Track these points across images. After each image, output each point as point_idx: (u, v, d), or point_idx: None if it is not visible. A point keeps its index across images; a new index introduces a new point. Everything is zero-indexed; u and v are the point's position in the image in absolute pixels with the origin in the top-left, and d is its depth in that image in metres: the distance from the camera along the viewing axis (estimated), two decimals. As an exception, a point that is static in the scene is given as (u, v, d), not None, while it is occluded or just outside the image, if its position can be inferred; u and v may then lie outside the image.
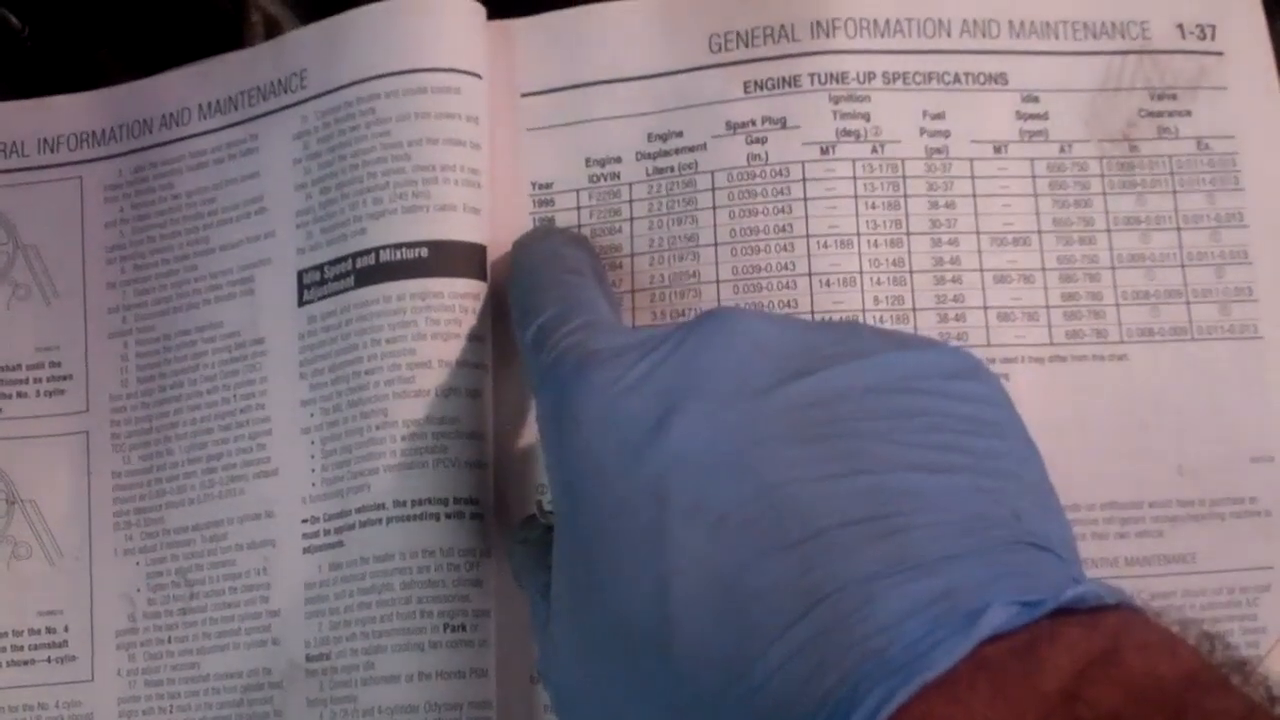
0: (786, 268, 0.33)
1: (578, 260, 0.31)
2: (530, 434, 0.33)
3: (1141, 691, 0.17)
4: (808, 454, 0.21)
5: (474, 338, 0.32)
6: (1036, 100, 0.34)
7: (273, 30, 0.38)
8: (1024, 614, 0.19)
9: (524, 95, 0.35)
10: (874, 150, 0.33)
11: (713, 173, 0.34)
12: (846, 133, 0.33)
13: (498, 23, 0.35)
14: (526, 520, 0.31)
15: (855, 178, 0.33)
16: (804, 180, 0.33)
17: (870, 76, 0.34)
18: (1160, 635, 0.19)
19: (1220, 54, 0.34)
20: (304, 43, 0.35)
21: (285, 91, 0.35)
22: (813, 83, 0.34)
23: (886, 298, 0.33)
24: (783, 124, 0.34)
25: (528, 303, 0.29)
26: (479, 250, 0.33)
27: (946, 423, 0.22)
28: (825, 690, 0.19)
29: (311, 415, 0.33)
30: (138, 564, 0.35)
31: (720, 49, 0.34)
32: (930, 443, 0.22)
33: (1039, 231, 0.33)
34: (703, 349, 0.24)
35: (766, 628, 0.20)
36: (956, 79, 0.34)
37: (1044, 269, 0.33)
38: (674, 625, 0.20)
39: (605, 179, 0.34)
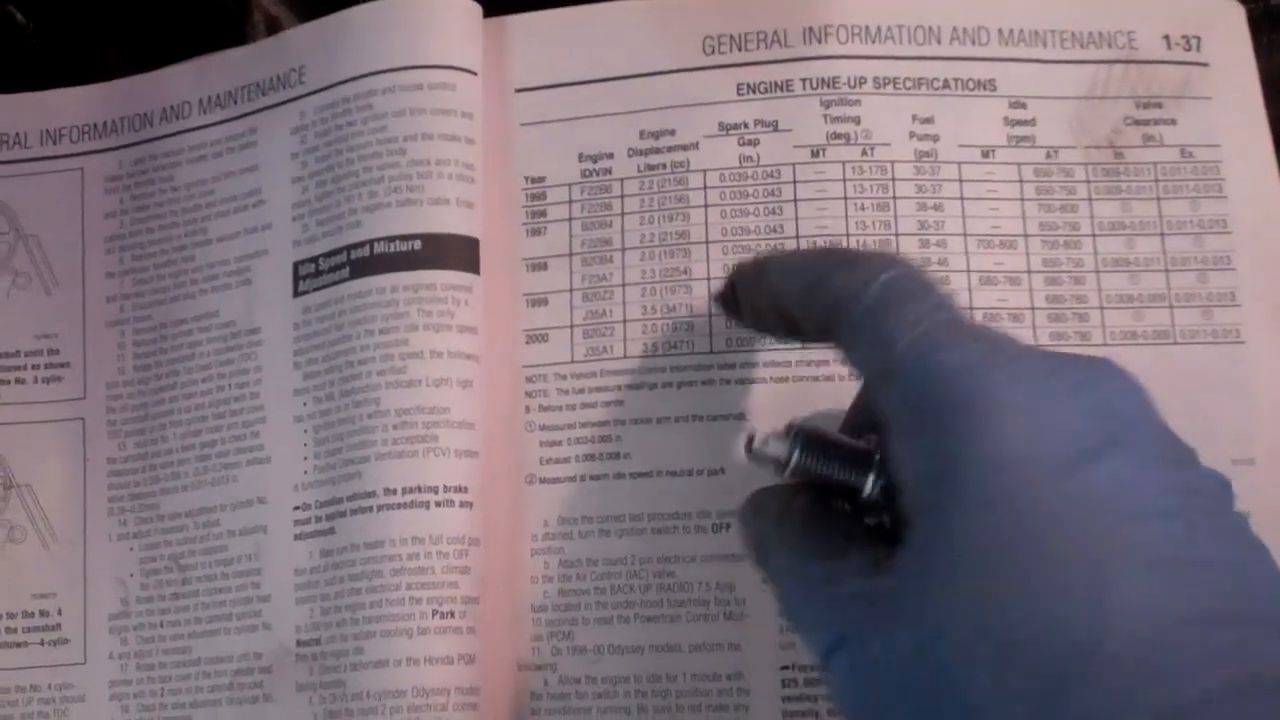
0: (777, 266, 0.33)
1: None
2: (518, 426, 0.34)
3: None
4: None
5: (465, 329, 0.33)
6: (1024, 106, 0.34)
7: (274, 28, 0.38)
8: None
9: (518, 91, 0.35)
10: (864, 153, 0.34)
11: (705, 171, 0.34)
12: (836, 135, 0.34)
13: (493, 20, 0.35)
14: (760, 493, 0.27)
15: (845, 179, 0.34)
16: (795, 182, 0.34)
17: (861, 81, 0.34)
18: None
19: (1205, 65, 0.35)
20: (303, 39, 0.36)
21: (284, 87, 0.36)
22: (804, 87, 0.34)
23: (873, 297, 0.33)
24: (774, 127, 0.34)
25: (842, 259, 0.26)
26: (471, 243, 0.33)
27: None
28: None
29: (304, 404, 0.34)
30: (131, 549, 0.35)
31: (714, 51, 0.35)
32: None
33: (1025, 235, 0.34)
34: (1122, 399, 0.23)
35: (1197, 685, 0.19)
36: (946, 84, 0.34)
37: (1029, 271, 0.34)
38: (1105, 664, 0.20)
39: (597, 174, 0.34)
